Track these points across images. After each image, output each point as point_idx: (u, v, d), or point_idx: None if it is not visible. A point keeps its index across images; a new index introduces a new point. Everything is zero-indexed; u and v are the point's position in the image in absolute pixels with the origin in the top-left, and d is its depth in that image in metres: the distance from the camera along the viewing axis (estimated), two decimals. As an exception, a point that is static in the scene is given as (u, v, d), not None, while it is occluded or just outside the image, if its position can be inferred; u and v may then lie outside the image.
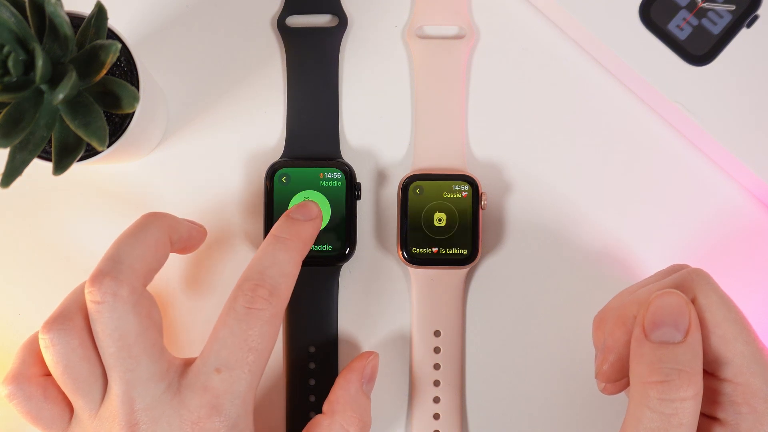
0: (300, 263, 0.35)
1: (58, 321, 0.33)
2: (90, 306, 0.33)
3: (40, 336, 0.33)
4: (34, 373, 0.34)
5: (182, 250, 0.38)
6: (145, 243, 0.34)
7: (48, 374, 0.35)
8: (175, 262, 0.42)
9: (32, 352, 0.35)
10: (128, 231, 0.35)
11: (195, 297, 0.42)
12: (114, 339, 0.32)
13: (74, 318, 0.33)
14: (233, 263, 0.42)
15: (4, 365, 0.41)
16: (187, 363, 0.34)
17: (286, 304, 0.34)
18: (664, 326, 0.29)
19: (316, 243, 0.40)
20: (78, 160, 0.34)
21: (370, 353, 0.39)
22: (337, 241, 0.40)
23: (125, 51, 0.36)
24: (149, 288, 0.35)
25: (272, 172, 0.40)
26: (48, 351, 0.33)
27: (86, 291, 0.33)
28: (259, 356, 0.33)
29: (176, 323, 0.42)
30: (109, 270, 0.33)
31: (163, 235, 0.35)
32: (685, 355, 0.28)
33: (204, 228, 0.39)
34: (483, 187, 0.41)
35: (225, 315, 0.33)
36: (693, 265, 0.42)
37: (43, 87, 0.31)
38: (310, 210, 0.36)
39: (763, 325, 0.41)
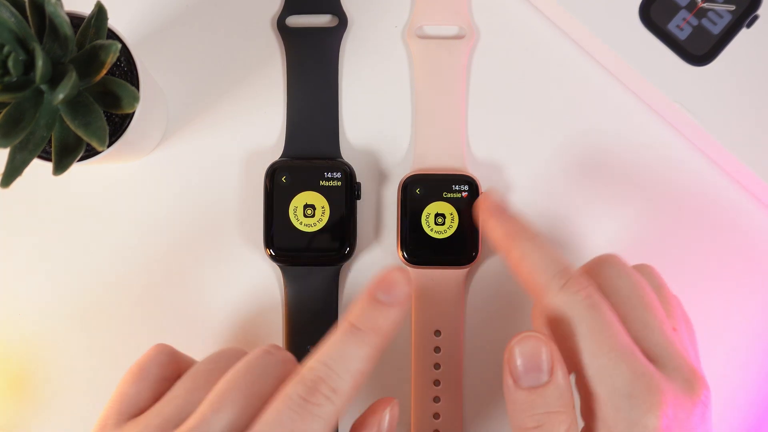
0: (375, 359, 0.30)
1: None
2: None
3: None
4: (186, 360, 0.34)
5: None
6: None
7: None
8: (175, 263, 0.42)
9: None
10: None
11: (194, 297, 0.42)
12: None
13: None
14: (233, 263, 0.42)
15: (4, 365, 0.41)
16: None
17: (347, 403, 0.29)
18: (530, 372, 0.30)
19: (316, 243, 0.40)
20: (78, 160, 0.34)
21: (387, 402, 0.32)
22: (337, 241, 0.40)
23: (125, 51, 0.36)
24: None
25: (272, 172, 0.40)
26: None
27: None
28: None
29: (175, 323, 0.42)
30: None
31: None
32: (554, 396, 0.30)
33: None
34: (483, 187, 0.41)
35: (277, 401, 0.29)
36: (694, 267, 0.42)
37: (43, 87, 0.31)
38: (399, 289, 0.31)
39: (756, 323, 0.41)
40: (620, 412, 0.29)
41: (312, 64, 0.42)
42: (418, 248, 0.40)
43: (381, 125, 0.42)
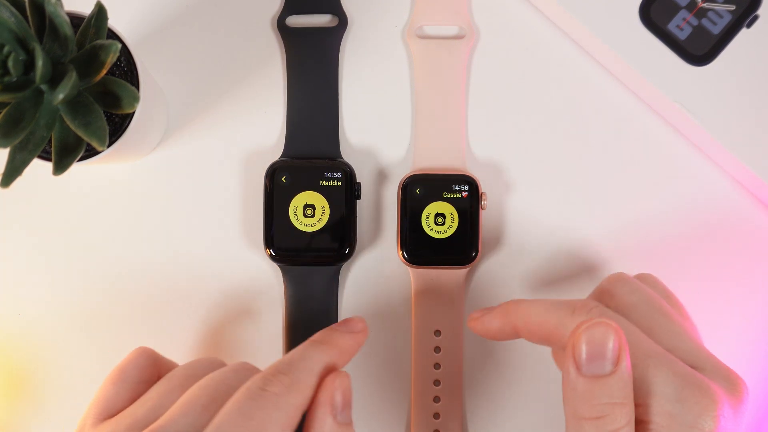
0: (332, 369, 0.32)
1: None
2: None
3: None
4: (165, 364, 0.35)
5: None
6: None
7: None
8: (175, 263, 0.42)
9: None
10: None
11: (194, 297, 0.42)
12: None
13: None
14: (233, 263, 0.42)
15: (3, 365, 0.41)
16: None
17: (305, 401, 0.30)
18: (595, 360, 0.29)
19: (316, 243, 0.40)
20: (78, 160, 0.34)
21: (335, 376, 0.32)
22: (337, 241, 0.40)
23: (125, 51, 0.36)
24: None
25: (272, 172, 0.40)
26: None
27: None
28: None
29: (175, 323, 0.42)
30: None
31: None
32: (617, 386, 0.28)
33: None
34: (483, 187, 0.41)
35: (237, 393, 0.29)
36: (694, 267, 0.42)
37: (43, 87, 0.31)
38: (354, 324, 0.34)
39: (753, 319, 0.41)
40: (675, 418, 0.28)
41: (312, 64, 0.42)
42: (418, 248, 0.40)
43: (381, 125, 0.42)
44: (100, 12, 0.33)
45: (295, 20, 0.42)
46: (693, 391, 0.28)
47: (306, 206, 0.40)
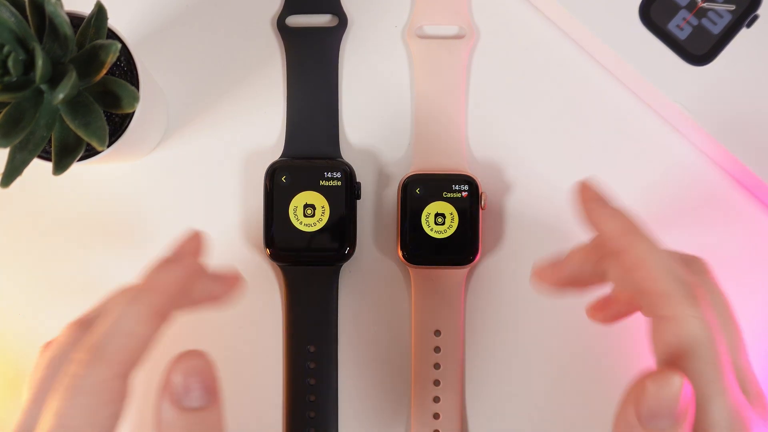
0: (155, 320, 0.27)
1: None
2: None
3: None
4: None
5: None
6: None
7: None
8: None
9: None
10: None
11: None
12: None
13: None
14: (233, 263, 0.42)
15: (4, 365, 0.41)
16: None
17: (124, 371, 0.26)
18: (659, 418, 0.28)
19: (316, 243, 0.40)
20: (78, 160, 0.34)
21: (179, 357, 0.27)
22: (337, 241, 0.40)
23: (125, 51, 0.36)
24: None
25: (272, 172, 0.40)
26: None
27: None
28: None
29: (175, 323, 0.42)
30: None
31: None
32: None
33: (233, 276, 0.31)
34: (483, 187, 0.41)
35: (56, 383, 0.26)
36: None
37: (43, 87, 0.31)
38: (184, 245, 0.29)
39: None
40: None
41: (312, 64, 0.42)
42: (418, 248, 0.40)
43: (381, 125, 0.42)
44: (100, 12, 0.33)
45: (295, 20, 0.42)
46: (739, 428, 0.28)
47: (306, 206, 0.40)
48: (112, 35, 0.36)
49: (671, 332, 0.28)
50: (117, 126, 0.36)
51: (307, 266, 0.41)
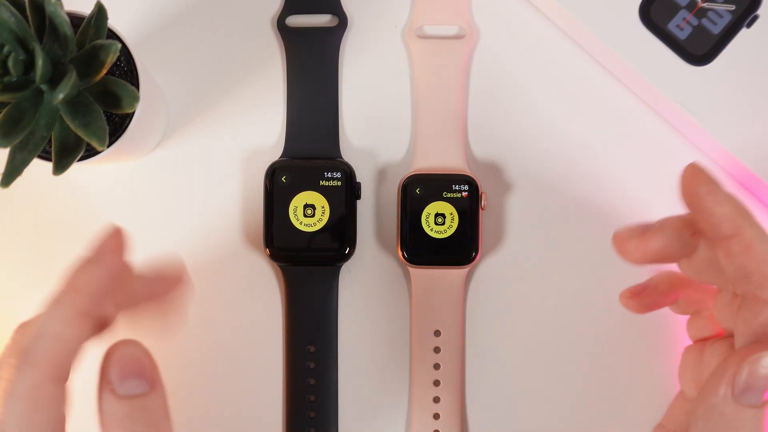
0: (80, 322, 0.26)
1: None
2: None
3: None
4: None
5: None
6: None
7: None
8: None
9: None
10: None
11: (194, 297, 0.42)
12: None
13: None
14: (233, 263, 0.42)
15: (4, 365, 0.41)
16: None
17: (55, 374, 0.25)
18: (753, 390, 0.28)
19: (316, 243, 0.40)
20: (78, 160, 0.34)
21: (112, 347, 0.27)
22: (337, 241, 0.40)
23: (125, 51, 0.36)
24: None
25: (272, 172, 0.40)
26: None
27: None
28: None
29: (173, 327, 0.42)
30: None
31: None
32: (757, 419, 0.28)
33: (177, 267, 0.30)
34: (483, 187, 0.41)
35: None
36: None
37: (43, 87, 0.31)
38: (105, 243, 0.28)
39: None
40: None
41: (312, 64, 0.42)
42: (418, 248, 0.40)
43: (381, 125, 0.42)
44: (100, 12, 0.33)
45: (295, 20, 0.42)
46: None
47: (306, 206, 0.40)
48: (112, 35, 0.36)
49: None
50: (117, 126, 0.36)
51: (307, 266, 0.41)
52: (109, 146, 0.35)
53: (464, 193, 0.40)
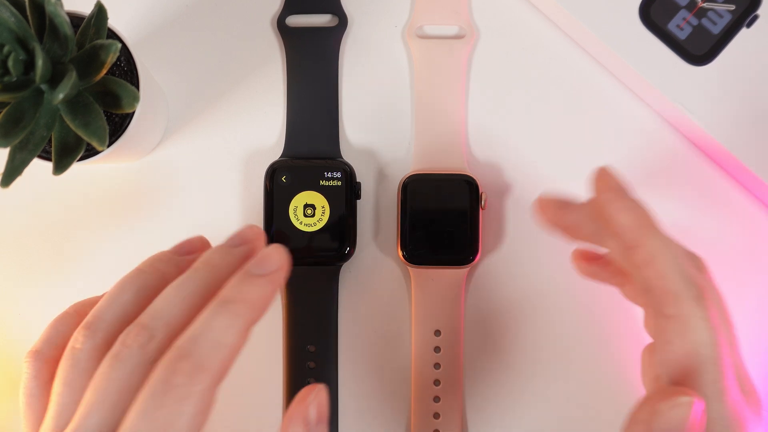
0: (245, 331, 0.28)
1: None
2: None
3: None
4: (53, 355, 0.31)
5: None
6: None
7: None
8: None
9: (58, 332, 0.32)
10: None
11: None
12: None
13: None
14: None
15: (4, 366, 0.41)
16: None
17: (219, 380, 0.27)
18: None
19: (316, 243, 0.40)
20: (78, 160, 0.34)
21: (311, 388, 0.30)
22: (337, 241, 0.40)
23: (125, 51, 0.36)
24: None
25: (272, 172, 0.40)
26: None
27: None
28: None
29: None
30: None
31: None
32: None
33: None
34: (483, 187, 0.41)
35: (143, 391, 0.27)
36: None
37: (43, 87, 0.31)
38: (269, 261, 0.29)
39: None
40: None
41: (312, 64, 0.42)
42: (418, 248, 0.40)
43: (381, 125, 0.42)
44: (100, 12, 0.33)
45: (295, 20, 0.42)
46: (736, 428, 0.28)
47: (306, 206, 0.40)
48: (112, 35, 0.36)
49: (676, 332, 0.28)
50: (117, 126, 0.36)
51: (307, 266, 0.41)
52: (109, 146, 0.35)
53: (464, 193, 0.40)
